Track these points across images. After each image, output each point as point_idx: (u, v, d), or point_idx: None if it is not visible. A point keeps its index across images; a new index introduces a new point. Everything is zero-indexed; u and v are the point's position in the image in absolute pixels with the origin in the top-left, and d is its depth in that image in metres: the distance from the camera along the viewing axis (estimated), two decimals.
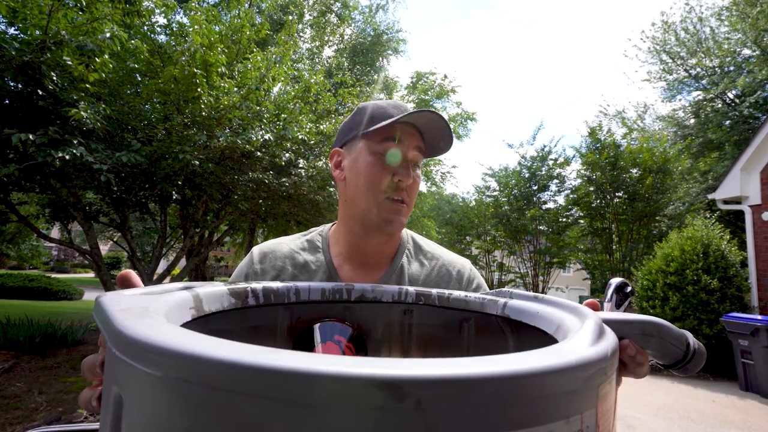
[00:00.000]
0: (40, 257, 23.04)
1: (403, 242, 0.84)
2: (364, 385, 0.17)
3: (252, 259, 0.79)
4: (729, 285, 5.56)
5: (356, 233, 0.77)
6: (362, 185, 0.73)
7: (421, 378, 0.18)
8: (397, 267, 0.80)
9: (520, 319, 0.45)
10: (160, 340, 0.20)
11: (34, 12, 3.11)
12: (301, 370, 0.17)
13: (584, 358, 0.23)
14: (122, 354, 0.21)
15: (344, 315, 0.56)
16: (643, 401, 4.32)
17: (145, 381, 0.20)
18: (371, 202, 0.73)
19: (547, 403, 0.20)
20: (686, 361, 0.42)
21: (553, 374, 0.20)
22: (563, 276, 21.57)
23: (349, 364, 0.18)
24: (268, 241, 0.83)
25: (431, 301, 0.57)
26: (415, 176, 0.74)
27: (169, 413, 0.19)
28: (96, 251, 4.88)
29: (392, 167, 0.72)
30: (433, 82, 12.98)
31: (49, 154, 3.10)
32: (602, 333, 0.29)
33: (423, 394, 0.17)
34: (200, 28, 3.94)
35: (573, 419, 0.21)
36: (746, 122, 11.43)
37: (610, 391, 0.25)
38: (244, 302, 0.46)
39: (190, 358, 0.19)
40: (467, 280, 0.82)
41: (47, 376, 3.93)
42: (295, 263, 0.79)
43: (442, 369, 0.18)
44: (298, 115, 5.09)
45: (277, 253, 0.80)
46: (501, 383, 0.19)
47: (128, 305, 0.27)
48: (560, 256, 11.61)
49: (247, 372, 0.18)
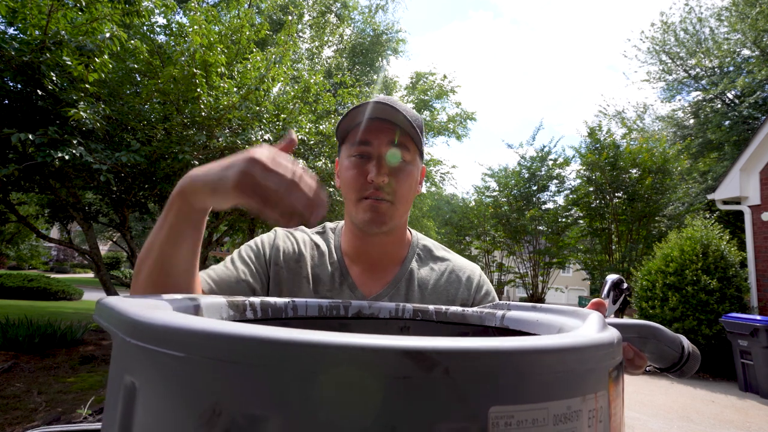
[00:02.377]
0: (40, 257, 23.04)
1: (413, 246, 0.84)
2: (394, 355, 0.18)
3: (276, 234, 0.81)
4: (728, 285, 5.56)
5: (356, 235, 0.78)
6: (345, 190, 0.76)
7: (449, 349, 0.18)
8: (407, 270, 0.80)
9: (520, 328, 0.46)
10: (179, 323, 0.20)
11: (33, 12, 3.11)
12: (331, 343, 0.18)
13: (596, 339, 0.24)
14: (139, 341, 0.21)
15: (341, 332, 0.56)
16: (642, 401, 4.32)
17: (165, 364, 0.20)
18: (352, 204, 0.74)
19: (566, 379, 0.21)
20: (681, 364, 0.44)
21: (571, 351, 0.22)
22: (563, 276, 21.58)
23: (377, 337, 0.19)
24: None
25: (429, 316, 0.57)
26: (396, 172, 0.72)
27: (192, 392, 0.19)
28: (95, 251, 4.88)
29: (365, 168, 0.71)
30: (433, 82, 12.99)
31: (48, 154, 3.10)
32: (606, 326, 0.30)
33: (451, 363, 0.18)
34: (200, 28, 3.94)
35: (588, 397, 0.22)
36: (746, 122, 11.44)
37: (618, 377, 0.26)
38: (242, 315, 0.47)
39: (212, 336, 0.19)
40: (476, 286, 0.82)
41: (46, 376, 3.93)
42: (313, 254, 0.80)
43: (469, 342, 0.19)
44: (298, 116, 5.09)
45: (298, 239, 0.81)
46: (524, 356, 0.20)
47: (137, 303, 0.28)
48: (560, 257, 11.62)
49: (277, 346, 0.18)
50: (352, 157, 0.73)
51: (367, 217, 0.72)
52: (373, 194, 0.71)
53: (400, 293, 0.78)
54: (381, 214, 0.72)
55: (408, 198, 0.75)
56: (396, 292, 0.78)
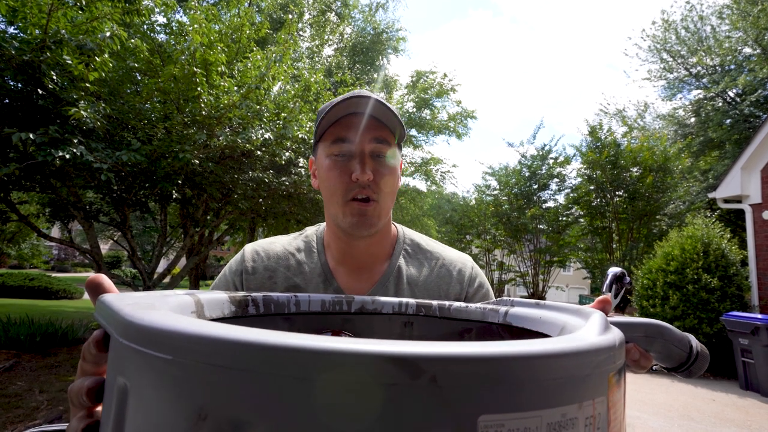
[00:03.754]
0: (41, 256, 23.04)
1: (399, 242, 0.81)
2: (379, 362, 0.17)
3: (243, 256, 0.77)
4: (729, 284, 5.55)
5: (341, 238, 0.75)
6: (326, 191, 0.71)
7: (436, 355, 0.18)
8: (394, 268, 0.77)
9: (523, 325, 0.45)
10: (169, 325, 0.20)
11: (33, 11, 3.11)
12: (316, 348, 0.17)
13: (595, 343, 0.23)
14: (131, 342, 0.21)
15: (344, 327, 0.56)
16: (643, 400, 4.32)
17: (153, 366, 0.20)
18: (337, 206, 0.70)
19: (561, 386, 0.20)
20: (689, 364, 0.43)
21: (566, 357, 0.21)
22: (563, 275, 21.57)
23: (363, 342, 0.18)
24: (261, 240, 0.81)
25: (432, 312, 0.56)
26: (380, 168, 0.69)
27: (179, 396, 0.19)
28: (96, 250, 4.88)
29: (348, 166, 0.68)
30: (433, 80, 12.97)
31: (49, 153, 3.10)
32: (608, 327, 0.29)
33: (439, 370, 0.18)
34: (200, 26, 3.94)
35: (586, 404, 0.21)
36: (747, 121, 11.41)
37: (619, 382, 0.25)
38: (244, 311, 0.46)
39: (199, 339, 0.19)
40: (469, 279, 0.79)
41: (48, 374, 3.94)
42: (288, 265, 0.76)
43: (458, 348, 0.18)
44: (298, 114, 5.08)
45: (270, 252, 0.78)
46: (515, 363, 0.19)
47: (134, 302, 0.27)
48: (560, 255, 11.61)
49: (260, 350, 0.18)
50: (333, 157, 0.69)
51: (355, 220, 0.69)
52: (359, 193, 0.68)
53: (389, 291, 0.75)
54: (369, 216, 0.69)
55: (393, 193, 0.73)
56: (384, 292, 0.75)
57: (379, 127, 0.69)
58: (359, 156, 0.68)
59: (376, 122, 0.69)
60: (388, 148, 0.70)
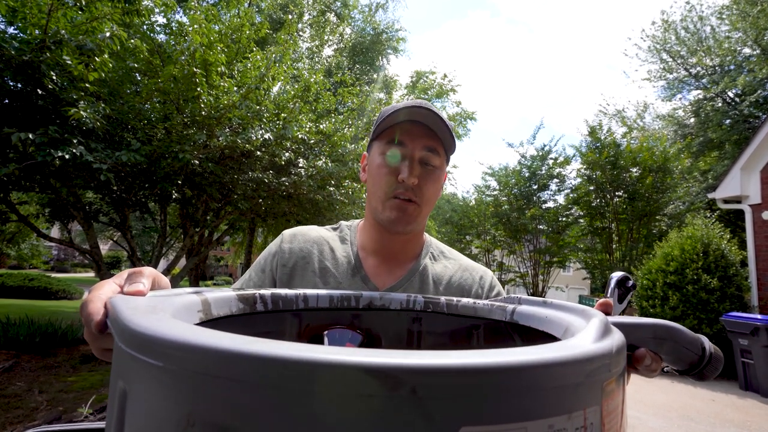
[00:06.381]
0: (40, 257, 23.04)
1: (427, 244, 0.87)
2: (359, 374, 0.17)
3: (282, 238, 0.83)
4: (729, 284, 5.56)
5: (379, 231, 0.79)
6: (372, 186, 0.77)
7: (415, 367, 0.17)
8: (420, 266, 0.82)
9: (529, 324, 0.45)
10: (160, 332, 0.20)
11: (33, 11, 3.11)
12: (297, 358, 0.17)
13: (586, 352, 0.22)
14: (127, 347, 0.22)
15: (352, 322, 0.56)
16: (642, 400, 4.32)
17: (147, 372, 0.20)
18: (379, 201, 0.75)
19: (547, 396, 0.20)
20: (702, 366, 0.41)
21: (552, 366, 0.20)
22: (563, 275, 21.56)
23: (345, 353, 0.18)
24: (299, 226, 0.87)
25: (440, 308, 0.56)
26: (425, 175, 0.74)
27: (169, 402, 0.19)
28: (96, 251, 4.88)
29: (397, 167, 0.73)
30: (433, 81, 12.98)
31: (48, 153, 3.09)
32: (608, 331, 0.28)
33: (418, 382, 0.17)
34: (200, 27, 3.94)
35: (575, 415, 0.21)
36: (746, 121, 11.42)
37: (616, 389, 0.24)
38: (252, 308, 0.46)
39: (187, 347, 0.19)
40: (490, 285, 0.84)
41: (47, 375, 3.94)
42: (321, 249, 0.81)
43: (438, 359, 0.18)
44: (298, 115, 5.08)
45: (307, 236, 0.83)
46: (498, 374, 0.19)
47: (137, 305, 0.28)
48: (560, 256, 11.61)
49: (243, 360, 0.18)
50: (385, 156, 0.74)
51: (394, 215, 0.73)
52: (402, 194, 0.73)
53: (414, 287, 0.79)
54: (408, 214, 0.74)
55: (433, 201, 0.78)
56: (410, 285, 0.79)
57: (432, 137, 0.74)
58: (409, 160, 0.73)
59: (430, 132, 0.73)
60: (436, 157, 0.75)
